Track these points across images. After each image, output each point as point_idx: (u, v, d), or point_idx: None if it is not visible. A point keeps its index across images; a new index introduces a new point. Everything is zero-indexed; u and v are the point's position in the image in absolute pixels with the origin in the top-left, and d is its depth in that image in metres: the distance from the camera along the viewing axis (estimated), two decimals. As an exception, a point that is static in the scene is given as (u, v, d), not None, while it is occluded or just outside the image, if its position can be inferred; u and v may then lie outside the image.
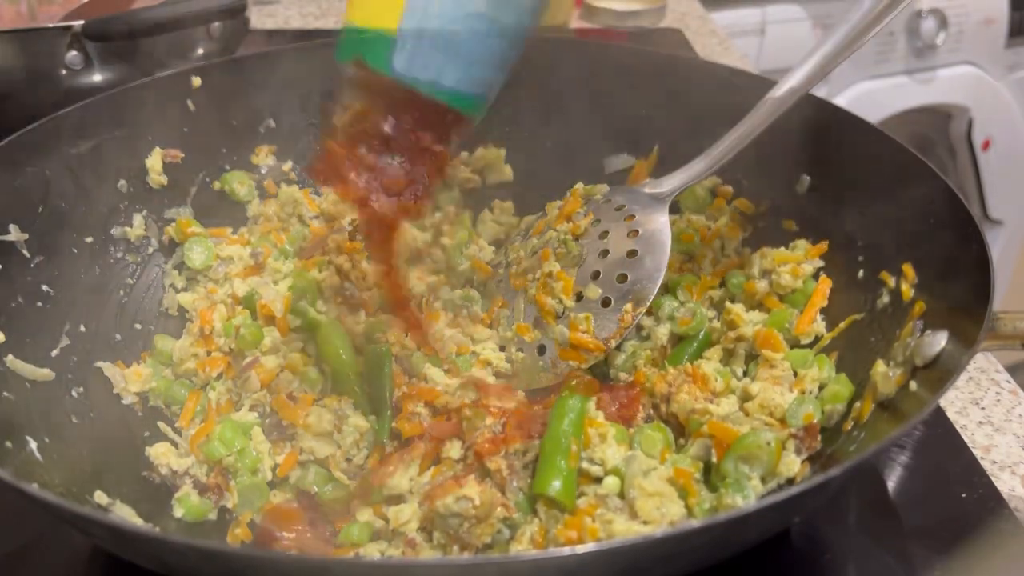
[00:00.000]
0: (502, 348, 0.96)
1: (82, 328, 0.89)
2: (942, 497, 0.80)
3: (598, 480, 0.74)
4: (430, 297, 1.00)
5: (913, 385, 0.69)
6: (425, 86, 0.64)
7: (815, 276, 0.90)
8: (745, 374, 0.87)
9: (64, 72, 1.28)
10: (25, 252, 0.85)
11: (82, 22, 1.27)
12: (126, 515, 0.75)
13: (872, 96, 2.49)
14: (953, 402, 0.93)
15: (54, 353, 0.84)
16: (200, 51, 1.41)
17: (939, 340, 0.69)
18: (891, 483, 0.82)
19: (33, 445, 0.74)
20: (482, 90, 0.68)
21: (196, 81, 1.03)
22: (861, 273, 0.87)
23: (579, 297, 0.93)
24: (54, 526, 0.76)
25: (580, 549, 0.51)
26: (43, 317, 0.85)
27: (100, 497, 0.75)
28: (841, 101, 2.34)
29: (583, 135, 1.11)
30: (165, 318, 0.98)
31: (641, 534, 0.67)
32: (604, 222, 0.96)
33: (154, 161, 0.99)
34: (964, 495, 0.80)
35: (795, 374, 0.84)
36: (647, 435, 0.78)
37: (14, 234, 0.84)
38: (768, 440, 0.72)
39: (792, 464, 0.73)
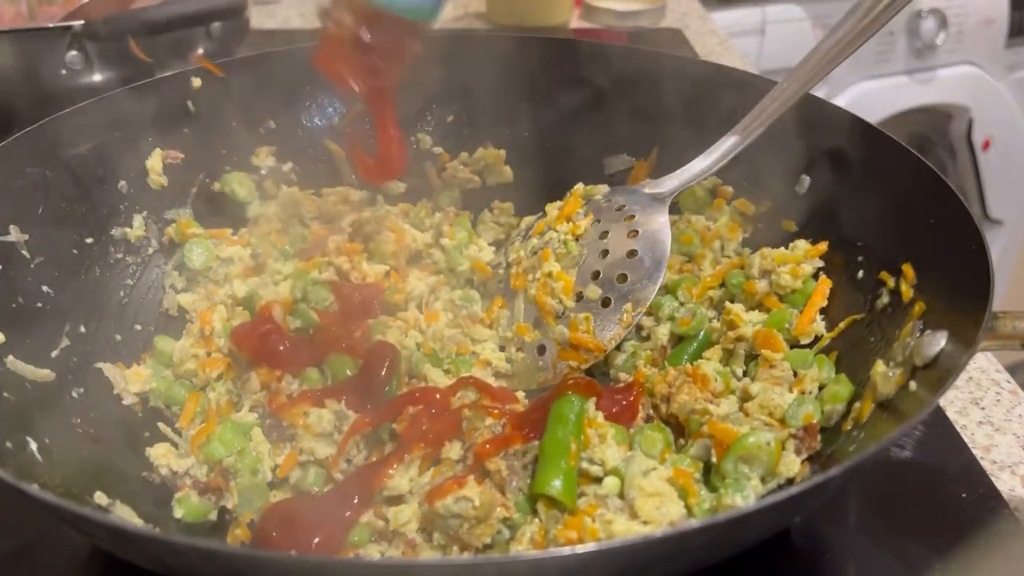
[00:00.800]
0: (502, 348, 0.96)
1: (82, 329, 0.89)
2: (942, 497, 0.80)
3: (598, 480, 0.74)
4: (430, 297, 1.00)
5: (913, 385, 0.69)
6: (388, 6, 0.84)
7: (815, 276, 0.90)
8: (745, 374, 0.87)
9: (64, 72, 1.28)
10: (25, 253, 0.85)
11: (82, 22, 1.27)
12: (126, 515, 0.75)
13: (872, 96, 2.49)
14: (953, 402, 0.93)
15: (54, 354, 0.84)
16: (200, 51, 1.41)
17: (939, 340, 0.69)
18: (891, 483, 0.82)
19: (33, 446, 0.74)
20: (432, 1, 0.87)
21: (196, 82, 1.03)
22: (861, 273, 0.87)
23: (579, 297, 0.93)
24: (54, 526, 0.76)
25: (580, 549, 0.51)
26: (43, 318, 0.85)
27: (100, 498, 0.75)
28: (841, 101, 2.34)
29: (583, 135, 1.11)
30: (165, 319, 0.98)
31: (641, 534, 0.67)
32: (604, 222, 0.96)
33: (154, 162, 0.99)
34: (964, 495, 0.80)
35: (795, 374, 0.84)
36: (647, 435, 0.78)
37: (14, 234, 0.84)
38: (768, 440, 0.72)
39: (792, 464, 0.73)
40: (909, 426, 0.66)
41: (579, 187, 1.02)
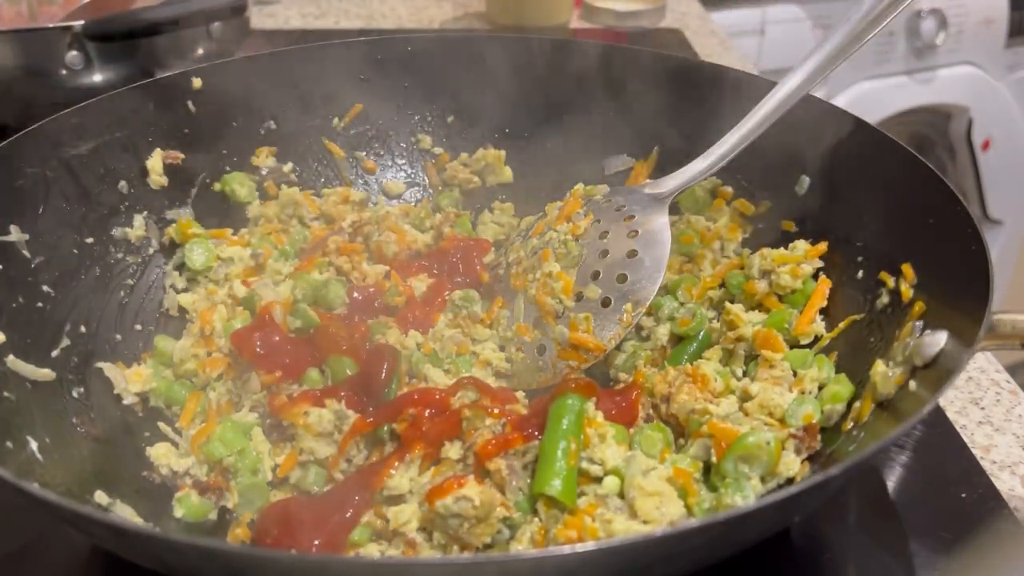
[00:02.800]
0: (502, 348, 0.96)
1: (83, 329, 0.89)
2: (942, 497, 0.80)
3: (598, 480, 0.74)
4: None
5: (913, 385, 0.70)
6: None
7: (814, 276, 0.90)
8: (745, 374, 0.87)
9: (64, 72, 1.28)
10: (26, 252, 0.85)
11: (82, 22, 1.27)
12: (126, 515, 0.75)
13: (872, 96, 2.49)
14: (953, 402, 0.93)
15: (55, 353, 0.84)
16: (200, 51, 1.41)
17: (938, 340, 0.69)
18: (891, 483, 0.82)
19: (34, 445, 0.74)
20: None
21: (197, 82, 1.03)
22: (861, 273, 0.87)
23: (579, 297, 0.93)
24: (54, 526, 0.76)
25: (580, 548, 0.51)
26: (44, 317, 0.85)
27: (100, 497, 0.75)
28: (841, 101, 2.34)
29: (583, 136, 1.11)
30: (166, 319, 0.98)
31: (641, 533, 0.67)
32: (604, 222, 0.96)
33: (154, 162, 0.99)
34: (964, 495, 0.80)
35: (795, 374, 0.84)
36: (647, 435, 0.78)
37: (15, 234, 0.84)
38: (768, 440, 0.72)
39: (792, 464, 0.73)
40: (909, 426, 0.65)
41: (579, 187, 1.03)
